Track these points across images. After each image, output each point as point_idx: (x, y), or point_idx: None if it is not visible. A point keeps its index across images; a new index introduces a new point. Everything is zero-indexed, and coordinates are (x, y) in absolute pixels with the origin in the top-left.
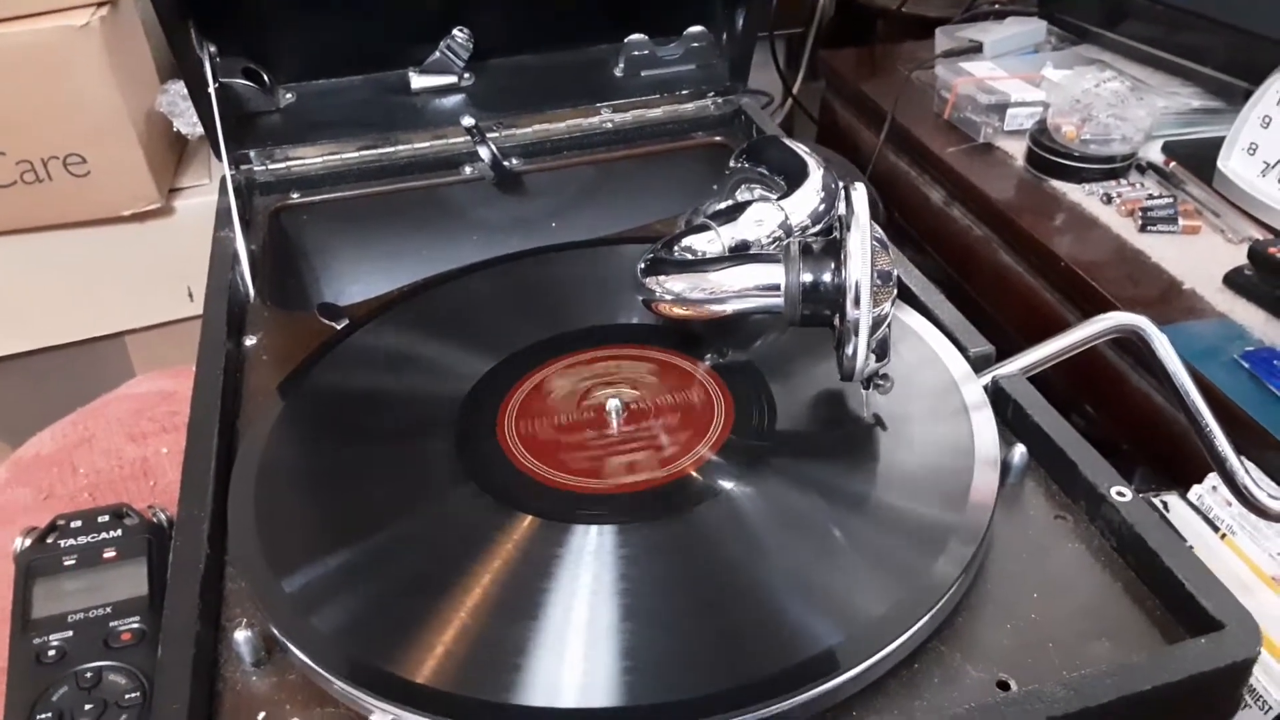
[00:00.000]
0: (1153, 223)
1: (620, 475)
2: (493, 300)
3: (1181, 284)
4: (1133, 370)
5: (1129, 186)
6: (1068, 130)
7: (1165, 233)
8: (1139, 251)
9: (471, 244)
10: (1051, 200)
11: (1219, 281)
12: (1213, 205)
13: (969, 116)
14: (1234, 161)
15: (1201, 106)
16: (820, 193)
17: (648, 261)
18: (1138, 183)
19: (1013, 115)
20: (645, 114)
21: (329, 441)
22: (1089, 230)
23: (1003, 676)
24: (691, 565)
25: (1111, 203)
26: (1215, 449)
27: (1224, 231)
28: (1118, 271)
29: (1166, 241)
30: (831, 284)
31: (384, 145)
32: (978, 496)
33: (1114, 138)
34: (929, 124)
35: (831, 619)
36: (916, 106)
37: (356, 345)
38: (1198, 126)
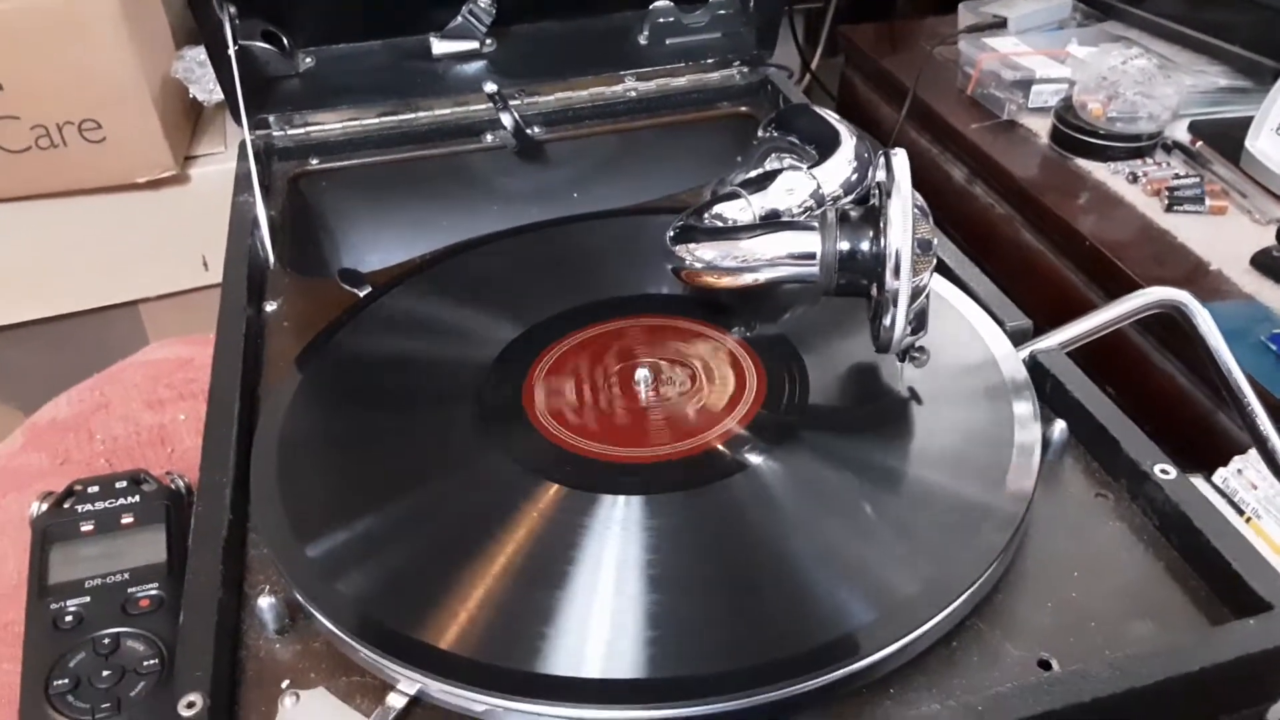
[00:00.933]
0: (1179, 202)
1: (649, 446)
2: (518, 269)
3: (1208, 265)
4: (1156, 351)
5: (1155, 166)
6: (1094, 108)
7: (1192, 213)
8: (1165, 231)
9: (492, 213)
10: (1076, 179)
11: (1246, 263)
12: (1240, 185)
13: (993, 93)
14: (1262, 141)
15: (1229, 85)
16: (853, 162)
17: (678, 229)
18: (1164, 162)
19: (1037, 92)
20: (669, 83)
21: (352, 408)
22: (1114, 209)
23: (1044, 655)
24: (721, 538)
25: (1137, 182)
26: (1258, 429)
27: (1251, 212)
28: (1143, 251)
29: (1193, 222)
30: (869, 252)
31: (404, 111)
32: (1018, 473)
33: (1141, 116)
34: (951, 100)
35: (867, 595)
36: (938, 83)
37: (380, 312)
38: (1224, 106)
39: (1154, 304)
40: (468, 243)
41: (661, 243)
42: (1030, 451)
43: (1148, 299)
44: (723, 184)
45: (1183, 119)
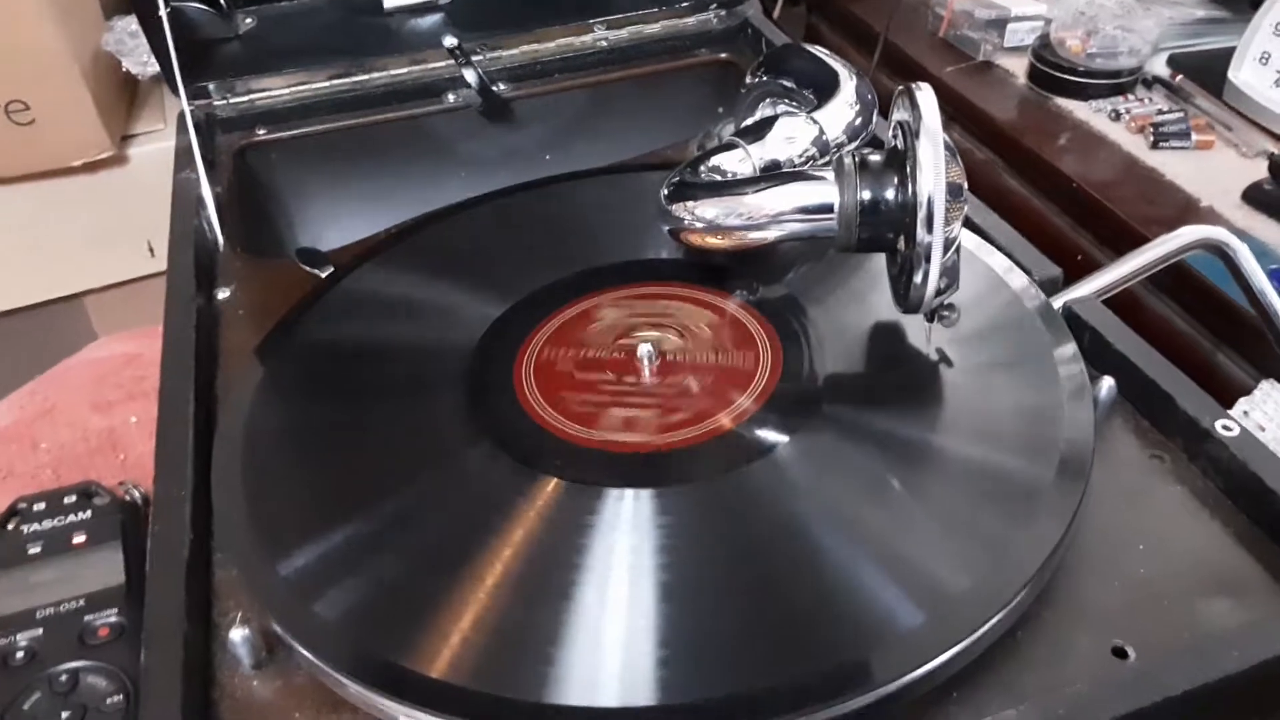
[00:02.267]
0: (1165, 139)
1: (657, 431)
2: (496, 239)
3: (1199, 202)
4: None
5: (1137, 102)
6: (1073, 44)
7: (1178, 149)
8: (1152, 169)
9: (459, 179)
10: (1057, 119)
11: (1237, 197)
12: (1224, 119)
13: (966, 34)
14: (1245, 72)
15: (1206, 16)
16: (855, 104)
17: (673, 186)
18: (1146, 98)
19: (1013, 30)
20: (642, 30)
21: (322, 403)
22: (1098, 149)
23: (1117, 642)
24: (747, 534)
25: (1120, 119)
26: None
27: (1238, 146)
28: (1131, 190)
29: (1180, 158)
30: (895, 202)
31: (357, 73)
32: (1072, 440)
33: (1121, 50)
34: (923, 43)
35: (919, 592)
36: (909, 26)
37: (346, 293)
38: (1202, 38)
39: (1193, 244)
40: (437, 213)
41: (653, 202)
42: (1082, 416)
43: (1187, 239)
44: (710, 136)
45: (1160, 53)
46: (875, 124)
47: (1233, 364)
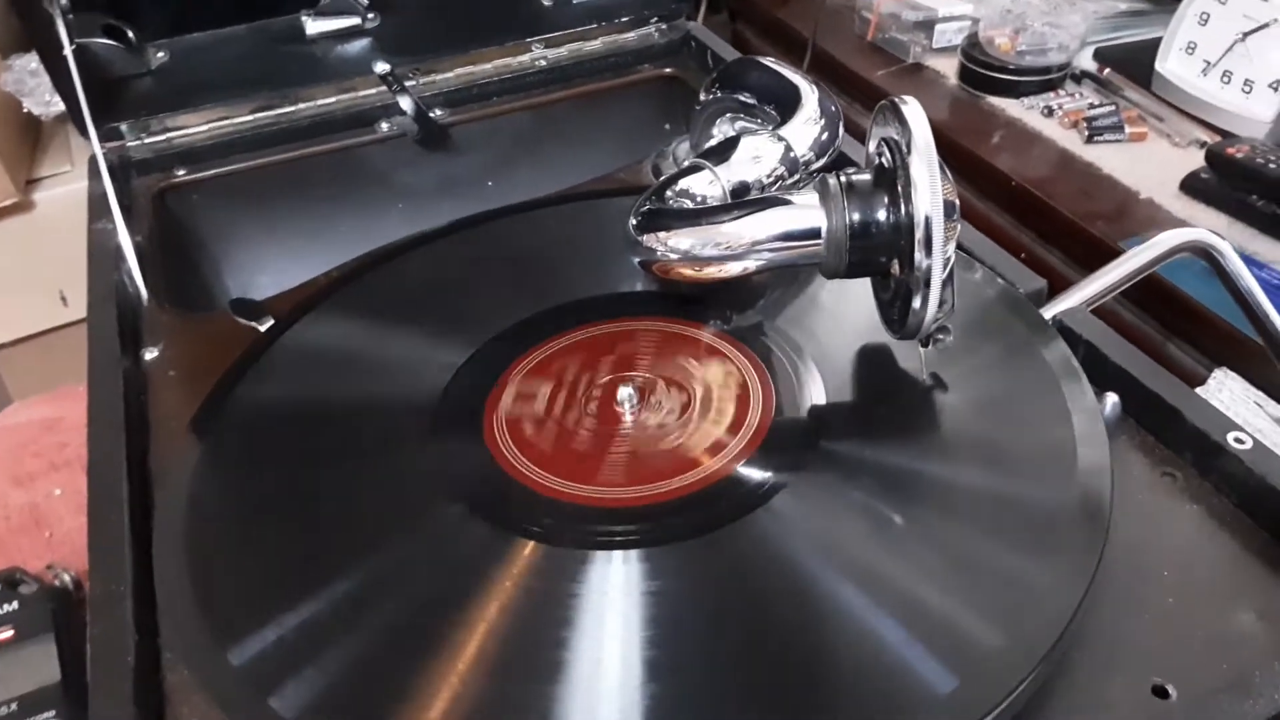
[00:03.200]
0: (1099, 132)
1: (645, 481)
2: (450, 277)
3: (1138, 194)
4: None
5: (1069, 97)
6: (1002, 43)
7: (1112, 142)
8: (1089, 164)
9: (397, 213)
10: (990, 118)
11: (1175, 188)
12: (1154, 110)
13: (895, 36)
14: (1172, 63)
15: (1129, 9)
16: (819, 119)
17: (642, 215)
18: (1076, 93)
19: (941, 31)
20: (582, 47)
21: (271, 472)
22: (1034, 146)
23: (1157, 681)
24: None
25: (1053, 115)
26: None
27: (1170, 136)
28: (1071, 186)
29: (1115, 151)
30: (887, 223)
31: (281, 105)
32: (1088, 466)
33: (1050, 47)
34: (852, 47)
35: (943, 653)
36: (837, 31)
37: (289, 348)
38: (1126, 30)
39: (1180, 246)
40: (381, 251)
41: (616, 232)
42: (1095, 437)
43: (1173, 242)
44: (664, 156)
45: (1087, 48)
46: (841, 138)
47: (1184, 354)
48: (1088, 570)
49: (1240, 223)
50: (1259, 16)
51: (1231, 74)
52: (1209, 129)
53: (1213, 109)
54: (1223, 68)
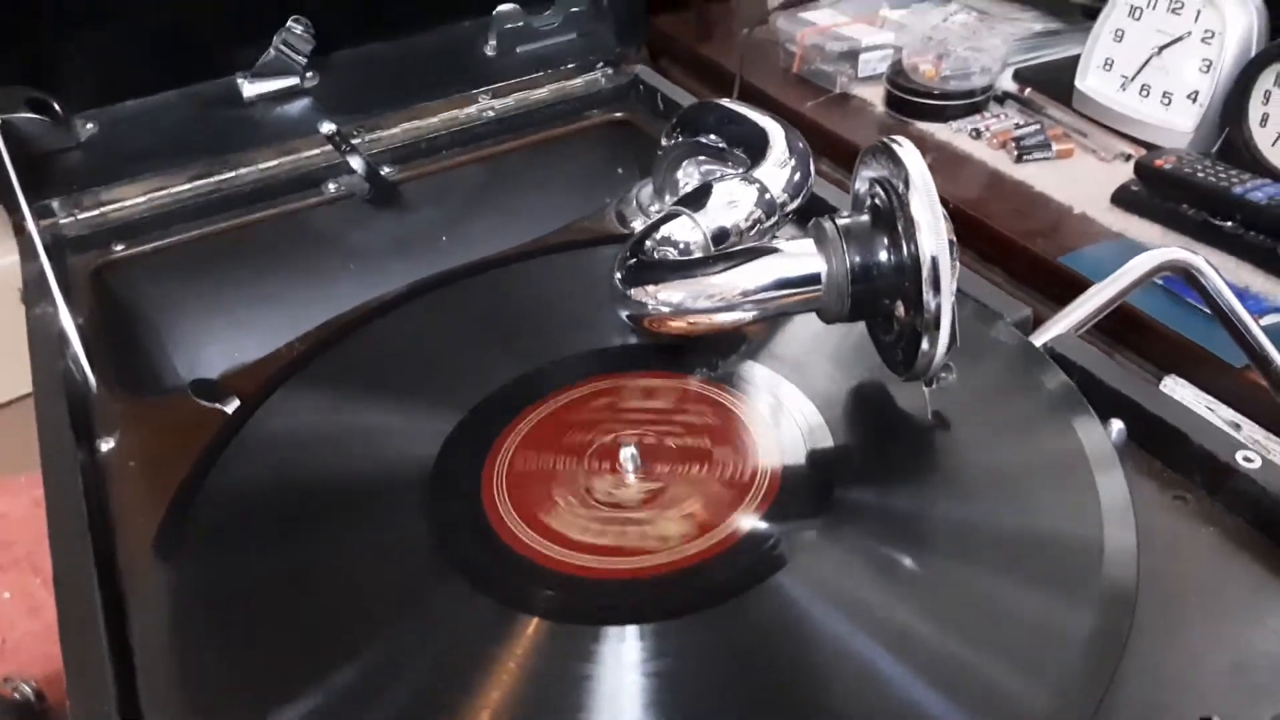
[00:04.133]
0: (1027, 151)
1: (657, 548)
2: (424, 341)
3: (1071, 209)
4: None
5: (994, 119)
6: (926, 69)
7: (1041, 159)
8: (1020, 182)
9: (349, 275)
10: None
11: (1107, 201)
12: (1078, 126)
13: (820, 67)
14: (1091, 79)
15: (1044, 29)
16: (790, 160)
17: (628, 268)
18: (1001, 114)
19: (865, 61)
20: (529, 96)
21: (256, 562)
22: (965, 168)
23: (1204, 715)
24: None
25: (981, 137)
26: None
27: (1096, 151)
28: (1006, 205)
29: (1044, 169)
30: (888, 264)
31: (221, 171)
32: (1110, 500)
33: (973, 71)
34: (779, 80)
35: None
36: (762, 64)
37: (261, 428)
38: (1042, 51)
39: (1161, 266)
40: (345, 319)
41: (591, 284)
42: (1110, 469)
43: (1154, 263)
44: (626, 202)
45: (1006, 69)
46: (814, 178)
47: (1132, 364)
48: (1124, 614)
49: (1173, 231)
50: (1172, 30)
51: (1150, 87)
52: (1132, 142)
53: (1134, 122)
54: (1141, 82)
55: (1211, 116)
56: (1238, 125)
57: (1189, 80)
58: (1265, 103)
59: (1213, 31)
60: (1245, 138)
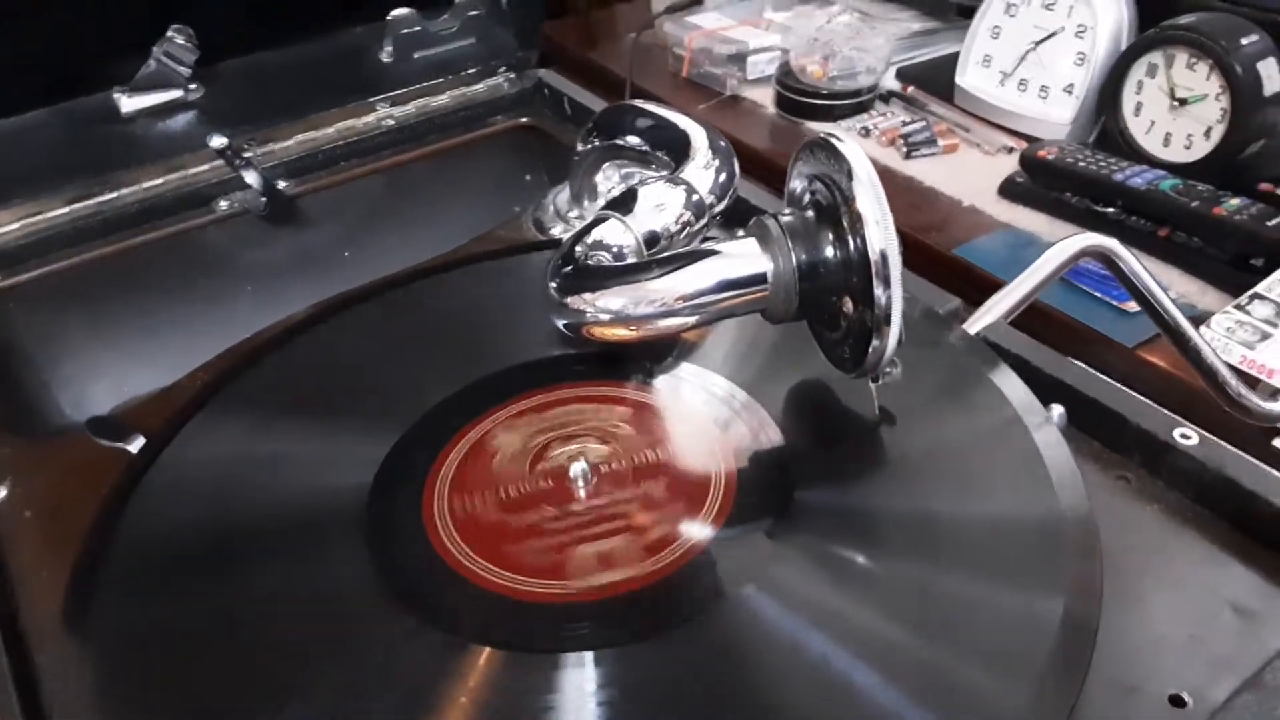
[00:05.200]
0: (915, 148)
1: (619, 565)
2: (344, 361)
3: (961, 202)
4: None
5: (881, 117)
6: (813, 70)
7: (929, 155)
8: (910, 178)
9: (247, 297)
10: None
11: (994, 193)
12: (961, 122)
13: (709, 70)
14: (971, 76)
15: (921, 29)
16: (714, 160)
17: (563, 276)
18: (888, 112)
19: (754, 63)
20: (430, 103)
21: (182, 615)
22: None
23: (1171, 691)
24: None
25: (870, 135)
26: (1204, 363)
27: (980, 145)
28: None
29: (932, 164)
30: (835, 261)
31: (101, 192)
32: (1063, 483)
33: (859, 70)
34: (669, 85)
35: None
36: (652, 69)
37: (173, 465)
38: (922, 50)
39: (1081, 252)
40: (256, 342)
41: (517, 295)
42: (1061, 452)
43: (1076, 247)
44: (542, 209)
45: (889, 68)
46: (738, 178)
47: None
48: (1093, 600)
49: (1059, 220)
50: (1047, 26)
51: (1027, 82)
52: (1013, 135)
53: (1014, 116)
54: (1019, 77)
55: (1087, 108)
56: (1113, 115)
57: (1064, 74)
58: (1138, 92)
59: (1085, 26)
60: (1120, 127)
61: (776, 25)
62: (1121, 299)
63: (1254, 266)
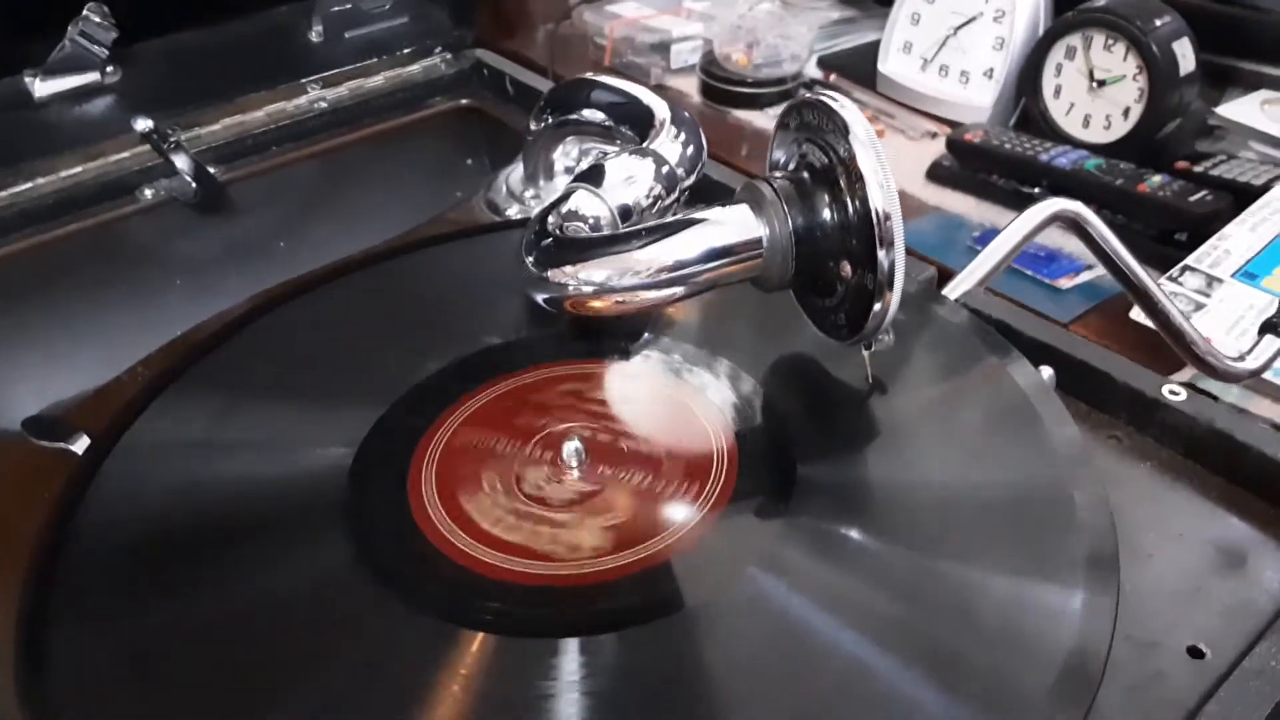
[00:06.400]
0: None
1: (619, 548)
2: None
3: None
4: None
5: None
6: (738, 58)
7: None
8: None
9: (177, 291)
10: (738, 131)
11: (922, 178)
12: (883, 108)
13: (633, 60)
14: (892, 62)
15: (840, 17)
16: (680, 133)
17: (542, 249)
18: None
19: (677, 52)
20: (364, 84)
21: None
22: None
23: (1188, 643)
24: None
25: None
26: (1172, 323)
27: (904, 131)
28: None
29: None
30: (833, 224)
31: (15, 182)
32: (1068, 448)
33: (784, 58)
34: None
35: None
36: (573, 59)
37: (126, 465)
38: (841, 38)
39: (1050, 217)
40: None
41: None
42: (1058, 410)
43: (1046, 212)
44: (496, 191)
45: (811, 56)
46: (706, 150)
47: None
48: (1111, 567)
49: (986, 201)
50: (966, 11)
51: (948, 67)
52: (936, 120)
53: (936, 101)
54: (939, 62)
55: (1007, 92)
56: (1034, 98)
57: (984, 58)
58: (1057, 75)
59: (1003, 11)
60: (1041, 109)
61: (697, 14)
62: (1053, 276)
63: (1178, 241)
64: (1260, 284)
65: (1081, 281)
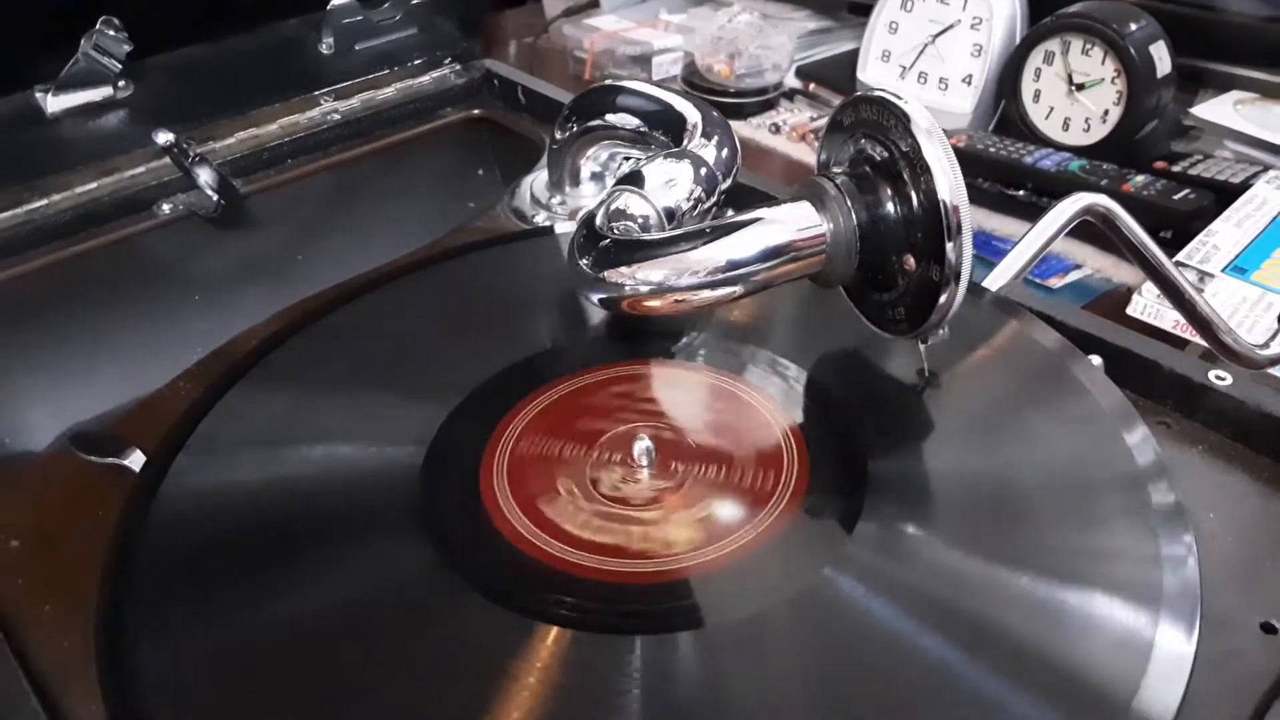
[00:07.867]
0: None
1: (698, 545)
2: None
3: None
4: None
5: (789, 113)
6: (720, 69)
7: None
8: None
9: (194, 306)
10: None
11: None
12: None
13: (614, 72)
14: (871, 71)
15: (817, 27)
16: (715, 133)
17: (598, 250)
18: (794, 109)
19: (658, 64)
20: (375, 96)
21: (238, 629)
22: (772, 160)
23: (1264, 620)
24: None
25: (780, 132)
26: (1198, 313)
27: None
28: None
29: None
30: (896, 218)
31: (30, 199)
32: (1136, 439)
33: (766, 68)
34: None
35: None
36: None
37: (190, 477)
38: (819, 48)
39: (1082, 210)
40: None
41: (566, 272)
42: (1117, 398)
43: (1078, 205)
44: (519, 199)
45: (791, 66)
46: (740, 153)
47: None
48: (1189, 554)
49: (972, 205)
50: (943, 19)
51: (927, 74)
52: None
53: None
54: (918, 70)
55: (986, 97)
56: (1013, 103)
57: (962, 65)
58: (1036, 80)
59: (980, 18)
60: (1021, 114)
61: (675, 26)
62: (1043, 276)
63: (1163, 239)
64: (1250, 278)
65: (1071, 280)
